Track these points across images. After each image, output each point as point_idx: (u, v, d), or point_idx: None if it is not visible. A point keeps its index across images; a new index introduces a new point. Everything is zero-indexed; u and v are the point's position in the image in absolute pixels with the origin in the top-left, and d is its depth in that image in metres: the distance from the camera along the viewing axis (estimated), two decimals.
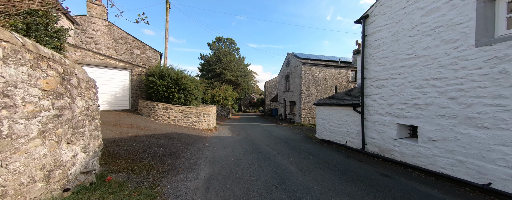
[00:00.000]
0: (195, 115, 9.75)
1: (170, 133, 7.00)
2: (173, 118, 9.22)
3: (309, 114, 13.85)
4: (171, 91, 9.24)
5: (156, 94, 9.32)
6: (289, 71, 16.51)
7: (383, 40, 4.92)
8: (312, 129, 11.85)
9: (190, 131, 8.52)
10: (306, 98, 13.86)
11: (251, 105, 45.92)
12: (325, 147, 6.41)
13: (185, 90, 9.64)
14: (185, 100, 9.74)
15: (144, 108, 9.37)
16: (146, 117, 9.10)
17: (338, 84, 14.42)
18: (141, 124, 7.66)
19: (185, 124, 9.46)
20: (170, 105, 9.18)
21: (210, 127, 10.51)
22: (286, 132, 9.98)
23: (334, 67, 14.38)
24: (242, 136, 8.66)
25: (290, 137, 8.47)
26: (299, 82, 14.27)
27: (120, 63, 9.76)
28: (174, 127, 8.49)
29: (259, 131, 10.24)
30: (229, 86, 22.54)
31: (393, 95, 4.63)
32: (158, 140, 5.74)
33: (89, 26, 13.10)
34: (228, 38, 26.82)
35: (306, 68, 13.91)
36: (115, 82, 9.65)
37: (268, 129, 11.37)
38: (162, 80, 9.11)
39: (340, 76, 14.47)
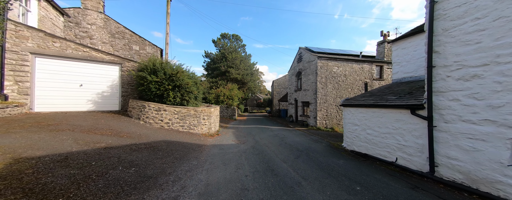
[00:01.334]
0: (193, 117, 8.21)
1: (157, 142, 5.46)
2: (166, 120, 7.72)
3: (326, 116, 11.98)
4: (164, 89, 7.75)
5: (147, 93, 7.87)
6: (302, 67, 14.68)
7: (477, 2, 3.07)
8: (331, 134, 9.98)
9: (186, 137, 6.97)
10: (322, 98, 11.99)
11: (257, 105, 44.34)
12: (366, 165, 4.60)
13: (182, 88, 8.11)
14: (182, 99, 8.22)
15: (133, 109, 7.95)
16: (135, 120, 7.66)
17: (361, 81, 12.41)
18: (125, 128, 6.19)
19: (181, 128, 7.94)
20: (163, 105, 7.69)
21: (211, 132, 8.94)
22: (303, 139, 8.20)
23: (355, 62, 12.41)
24: (249, 143, 7.00)
25: (310, 146, 6.70)
26: (314, 80, 12.42)
27: (108, 56, 8.41)
28: (167, 133, 6.97)
29: (269, 137, 8.54)
30: (234, 85, 21.00)
31: (501, 91, 2.78)
32: (134, 153, 4.19)
33: (84, 19, 11.96)
34: (233, 34, 25.31)
35: (322, 63, 12.04)
36: (102, 79, 8.30)
37: (280, 134, 9.64)
38: (153, 76, 7.64)
39: (363, 72, 12.47)
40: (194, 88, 8.49)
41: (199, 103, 9.98)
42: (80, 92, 7.79)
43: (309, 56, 13.35)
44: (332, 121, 12.05)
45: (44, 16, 8.76)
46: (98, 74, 8.19)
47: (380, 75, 12.87)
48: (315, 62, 12.37)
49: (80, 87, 7.78)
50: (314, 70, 12.38)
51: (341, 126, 12.13)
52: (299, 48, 15.54)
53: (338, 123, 12.11)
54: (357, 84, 12.41)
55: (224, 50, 24.18)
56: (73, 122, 5.89)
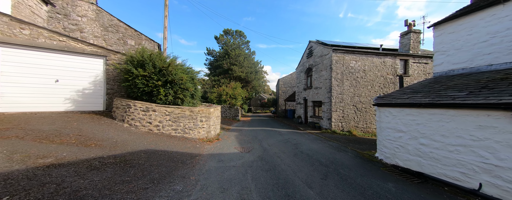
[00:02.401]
0: (188, 119, 6.88)
1: (134, 153, 4.13)
2: (156, 123, 6.41)
3: (342, 118, 10.45)
4: (153, 85, 6.44)
5: (133, 90, 6.59)
6: (313, 63, 13.17)
7: None
8: (351, 140, 8.46)
9: (178, 144, 5.63)
10: (338, 97, 10.47)
11: (261, 105, 43.00)
12: (431, 193, 3.12)
13: (175, 84, 6.79)
14: (175, 98, 6.90)
15: (117, 109, 6.68)
16: (118, 122, 6.39)
17: (382, 78, 10.81)
18: (100, 134, 4.90)
19: (174, 132, 6.62)
20: (152, 105, 6.38)
21: (210, 136, 7.59)
22: (320, 146, 6.73)
23: (376, 56, 10.83)
24: (256, 152, 5.59)
25: (335, 157, 5.24)
26: (328, 76, 10.91)
27: (90, 47, 7.18)
28: (154, 138, 5.65)
29: (279, 143, 7.11)
30: (237, 84, 19.65)
31: None
32: (91, 174, 2.86)
33: (73, 11, 10.82)
34: (237, 30, 23.96)
35: (338, 57, 10.51)
36: (83, 74, 7.08)
37: (291, 138, 8.19)
38: (140, 69, 6.34)
39: (385, 67, 10.87)
40: (189, 84, 7.15)
41: (197, 102, 8.66)
42: (56, 89, 6.58)
43: (322, 49, 11.83)
44: (349, 123, 10.52)
45: (20, 1, 7.61)
46: (77, 68, 6.97)
47: (404, 70, 11.22)
48: (329, 56, 10.85)
49: (55, 83, 6.57)
50: (328, 65, 10.87)
51: (360, 129, 10.58)
52: (309, 42, 14.04)
53: (356, 126, 10.57)
54: (378, 81, 10.82)
55: (227, 47, 22.86)
56: (34, 125, 4.64)
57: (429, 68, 11.24)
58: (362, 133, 10.52)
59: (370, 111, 10.73)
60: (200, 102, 12.06)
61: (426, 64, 11.22)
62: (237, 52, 22.28)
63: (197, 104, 8.74)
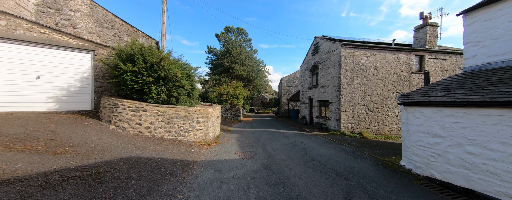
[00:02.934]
0: (184, 120, 6.15)
1: (112, 162, 3.41)
2: (147, 124, 5.70)
3: (353, 118, 9.62)
4: (144, 82, 5.73)
5: (122, 87, 5.90)
6: (319, 60, 12.36)
7: None
8: (364, 143, 7.64)
9: (170, 149, 4.90)
10: (347, 95, 9.65)
11: (263, 105, 42.24)
12: None
13: (169, 81, 6.07)
14: (169, 96, 6.18)
15: (104, 109, 5.99)
16: (105, 124, 5.69)
17: (396, 75, 9.93)
18: (77, 138, 4.20)
19: (167, 135, 5.90)
20: (142, 104, 5.67)
21: (208, 138, 6.86)
22: (332, 151, 5.93)
23: (389, 51, 9.98)
24: (259, 159, 4.83)
25: (353, 166, 4.44)
26: (336, 73, 10.10)
27: (76, 40, 6.52)
28: (143, 143, 4.93)
29: (285, 147, 6.33)
30: (239, 83, 18.91)
31: None
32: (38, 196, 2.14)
33: (66, 5, 10.18)
34: (238, 27, 23.23)
35: (347, 52, 9.69)
36: (68, 70, 6.42)
37: (298, 141, 7.40)
38: (129, 64, 5.63)
39: (398, 63, 10.01)
40: (185, 81, 6.43)
41: (195, 101, 7.94)
42: (37, 87, 5.92)
43: (329, 45, 11.01)
44: (359, 125, 9.68)
45: None
46: (62, 63, 6.31)
47: (420, 67, 10.33)
48: (337, 51, 10.03)
49: (36, 80, 5.92)
50: (337, 61, 10.05)
51: (371, 131, 9.74)
52: (315, 37, 13.22)
53: (367, 127, 9.73)
54: (391, 78, 9.97)
55: (228, 45, 22.12)
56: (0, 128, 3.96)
57: (447, 64, 10.33)
58: (373, 135, 9.69)
59: (383, 111, 9.88)
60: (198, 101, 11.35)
61: (444, 60, 10.32)
62: (239, 50, 21.54)
63: (195, 103, 8.03)
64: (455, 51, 10.29)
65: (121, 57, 5.88)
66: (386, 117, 9.87)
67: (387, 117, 9.88)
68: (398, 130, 9.90)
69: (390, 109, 9.92)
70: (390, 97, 9.95)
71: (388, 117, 9.88)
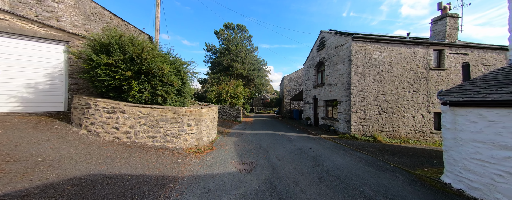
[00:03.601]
0: (171, 123, 5.17)
1: (59, 183, 2.43)
2: (126, 128, 4.72)
3: (364, 120, 8.63)
4: (123, 77, 4.76)
5: (96, 84, 4.92)
6: (325, 56, 11.36)
7: None
8: (381, 148, 6.65)
9: (150, 160, 3.92)
10: (359, 94, 8.66)
11: (264, 105, 41.28)
12: None
13: (153, 77, 5.10)
14: (153, 95, 5.20)
15: (75, 110, 5.02)
16: (74, 128, 4.73)
17: (412, 72, 8.90)
18: (26, 148, 3.23)
19: (151, 141, 4.92)
20: (120, 104, 4.69)
21: (201, 144, 5.88)
22: (350, 161, 4.94)
23: (405, 45, 8.97)
24: (261, 173, 3.84)
25: (382, 184, 3.44)
26: (345, 70, 9.10)
27: (45, 29, 5.56)
28: (117, 152, 3.96)
29: (291, 154, 5.34)
30: (239, 82, 17.93)
31: None
32: None
33: None
34: (238, 24, 22.22)
35: (359, 46, 8.69)
36: (36, 64, 5.46)
37: (305, 147, 6.41)
38: (103, 56, 4.66)
39: (415, 59, 9.01)
40: (173, 77, 5.45)
41: (188, 101, 6.97)
42: None
43: (337, 39, 10.01)
44: (372, 127, 8.68)
45: None
46: (28, 56, 5.34)
47: (438, 63, 9.31)
48: (347, 46, 9.03)
49: None
50: (347, 56, 9.05)
51: (385, 134, 8.74)
52: (321, 32, 12.22)
53: (381, 130, 8.72)
54: (407, 75, 8.96)
55: (227, 42, 21.12)
56: None
57: (469, 60, 9.31)
58: (388, 138, 8.68)
59: (398, 111, 8.87)
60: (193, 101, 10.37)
61: (465, 55, 9.30)
62: (238, 48, 20.54)
63: (188, 103, 7.05)
64: (477, 46, 9.27)
65: (94, 47, 4.92)
66: (401, 118, 8.87)
67: (403, 118, 8.88)
68: (415, 133, 8.89)
69: (406, 109, 8.92)
70: (405, 97, 8.95)
71: (404, 118, 8.87)
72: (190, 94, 7.14)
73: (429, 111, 9.03)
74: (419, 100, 9.01)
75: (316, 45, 12.99)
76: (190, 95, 7.40)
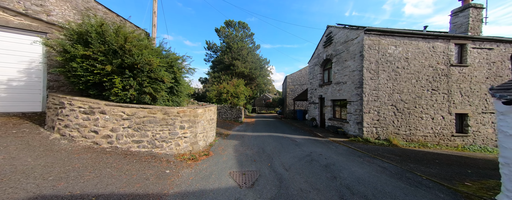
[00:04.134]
0: (161, 125, 4.46)
1: None
2: (106, 132, 4.02)
3: (378, 121, 7.81)
4: (103, 72, 4.06)
5: (72, 79, 4.24)
6: (332, 52, 10.56)
7: None
8: (401, 154, 5.84)
9: (130, 172, 3.21)
10: (371, 94, 7.85)
11: (266, 105, 40.55)
12: None
13: (140, 72, 4.40)
14: (140, 93, 4.50)
15: (49, 110, 4.34)
16: (45, 131, 4.05)
17: (431, 69, 8.04)
18: None
19: (137, 146, 4.21)
20: (100, 103, 3.99)
21: (196, 148, 5.16)
22: (371, 171, 4.15)
23: (422, 39, 8.13)
24: (266, 188, 3.09)
25: None
26: (356, 67, 8.29)
27: (19, 18, 4.92)
28: (88, 161, 3.25)
29: (300, 162, 4.58)
30: (240, 81, 17.20)
31: None
32: None
33: None
34: (239, 21, 21.50)
35: (372, 40, 7.89)
36: (8, 58, 4.81)
37: (314, 152, 5.63)
38: (80, 47, 3.98)
39: (434, 54, 8.16)
40: (164, 73, 4.73)
41: (183, 100, 6.25)
42: None
43: (347, 33, 9.21)
44: (386, 129, 7.86)
45: None
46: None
47: (460, 59, 8.44)
48: (359, 40, 8.22)
49: None
50: (358, 52, 8.24)
51: (401, 137, 7.90)
52: (328, 26, 11.41)
53: (397, 132, 7.89)
54: (425, 72, 8.10)
55: (228, 40, 20.42)
56: None
57: (495, 55, 8.41)
58: (404, 142, 7.85)
59: (415, 112, 8.03)
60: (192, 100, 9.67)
61: (490, 50, 8.40)
62: (240, 45, 19.81)
63: (183, 102, 6.34)
64: (504, 39, 8.36)
65: (71, 37, 4.23)
66: (419, 120, 8.02)
67: (421, 119, 8.03)
68: (435, 136, 8.03)
69: (424, 109, 8.07)
70: (424, 96, 8.10)
71: (421, 119, 8.02)
72: (186, 93, 6.43)
73: (450, 112, 8.16)
74: (439, 100, 8.15)
75: (322, 41, 12.19)
76: (186, 94, 6.69)
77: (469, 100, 8.29)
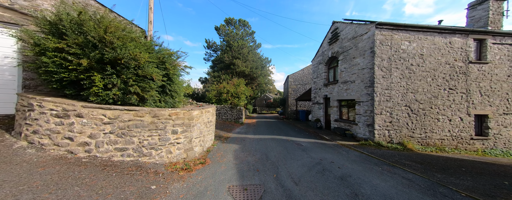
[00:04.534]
0: (149, 130, 3.85)
1: None
2: (84, 138, 3.42)
3: (391, 123, 7.17)
4: (81, 69, 3.45)
5: (43, 76, 3.63)
6: (339, 49, 9.93)
7: None
8: (422, 161, 5.20)
9: (106, 188, 2.59)
10: (383, 93, 7.22)
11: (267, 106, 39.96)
12: None
13: (125, 69, 3.79)
14: (125, 93, 3.89)
15: (18, 113, 3.73)
16: (13, 137, 3.45)
17: (448, 66, 7.39)
18: None
19: (120, 155, 3.61)
20: (75, 105, 3.38)
21: (192, 155, 4.55)
22: (395, 185, 3.52)
23: (439, 34, 7.50)
24: None
25: None
26: (367, 64, 7.65)
27: None
28: (59, 175, 2.64)
29: (310, 173, 3.95)
30: (241, 80, 16.59)
31: None
32: None
33: None
34: (240, 19, 20.87)
35: (384, 35, 7.26)
36: None
37: (325, 159, 5.01)
38: (53, 39, 3.38)
39: (452, 50, 7.52)
40: (154, 70, 4.12)
41: (178, 101, 5.64)
42: None
43: (355, 29, 8.57)
44: (400, 132, 7.22)
45: None
46: None
47: (479, 55, 7.78)
48: (369, 35, 7.59)
49: None
50: (368, 48, 7.60)
51: (416, 140, 7.26)
52: (333, 22, 10.77)
53: (411, 135, 7.24)
54: (442, 70, 7.46)
55: (228, 38, 19.81)
56: None
57: None
58: (419, 145, 7.21)
59: (431, 113, 7.38)
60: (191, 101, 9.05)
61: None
62: (240, 44, 19.18)
63: (178, 104, 5.72)
64: None
65: (43, 27, 3.63)
66: (435, 122, 7.37)
67: (437, 121, 7.38)
68: (452, 139, 7.39)
69: (441, 110, 7.42)
70: (440, 95, 7.45)
71: (438, 121, 7.38)
72: (182, 93, 5.82)
73: (468, 113, 7.51)
74: (457, 100, 7.50)
75: (327, 38, 11.55)
76: (184, 95, 6.09)
77: (489, 99, 7.64)
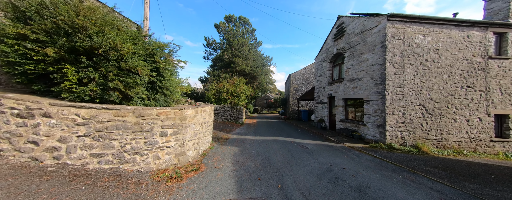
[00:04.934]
0: (132, 132, 3.29)
1: None
2: (52, 143, 2.87)
3: (404, 124, 6.59)
4: (48, 60, 2.91)
5: (6, 68, 3.09)
6: (345, 45, 9.34)
7: None
8: (442, 167, 4.62)
9: None
10: (396, 91, 6.64)
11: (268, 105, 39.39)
12: None
13: (105, 61, 3.24)
14: (105, 89, 3.33)
15: None
16: None
17: (466, 61, 6.79)
18: None
19: (97, 162, 3.05)
20: (42, 102, 2.84)
21: (184, 161, 3.99)
22: (423, 198, 2.93)
23: (455, 27, 6.91)
24: None
25: None
26: (377, 60, 7.07)
27: None
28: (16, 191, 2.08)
29: (321, 182, 3.38)
30: (241, 79, 16.03)
31: None
32: None
33: None
34: (240, 16, 20.30)
35: (396, 28, 6.68)
36: None
37: (335, 165, 4.43)
38: (14, 24, 2.83)
39: (470, 45, 6.92)
40: (140, 63, 3.56)
41: (173, 99, 5.08)
42: None
43: (364, 22, 7.98)
44: (414, 133, 6.64)
45: None
46: None
47: (499, 51, 7.18)
48: (380, 28, 7.00)
49: None
50: (378, 42, 7.01)
51: (431, 142, 6.67)
52: (339, 17, 10.17)
53: (426, 137, 6.66)
54: (459, 66, 6.87)
55: (228, 36, 19.24)
56: None
57: None
58: (435, 148, 6.62)
59: (447, 113, 6.79)
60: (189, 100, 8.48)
61: None
62: (241, 41, 18.61)
63: (172, 102, 5.16)
64: None
65: (5, 11, 3.07)
66: (452, 122, 6.77)
67: (454, 121, 6.79)
68: (471, 141, 6.79)
69: (458, 110, 6.82)
70: (457, 94, 6.85)
71: (455, 121, 6.78)
72: (175, 90, 5.26)
73: (488, 113, 6.91)
74: (475, 98, 6.90)
75: (332, 34, 10.96)
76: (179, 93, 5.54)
77: (510, 98, 7.03)
